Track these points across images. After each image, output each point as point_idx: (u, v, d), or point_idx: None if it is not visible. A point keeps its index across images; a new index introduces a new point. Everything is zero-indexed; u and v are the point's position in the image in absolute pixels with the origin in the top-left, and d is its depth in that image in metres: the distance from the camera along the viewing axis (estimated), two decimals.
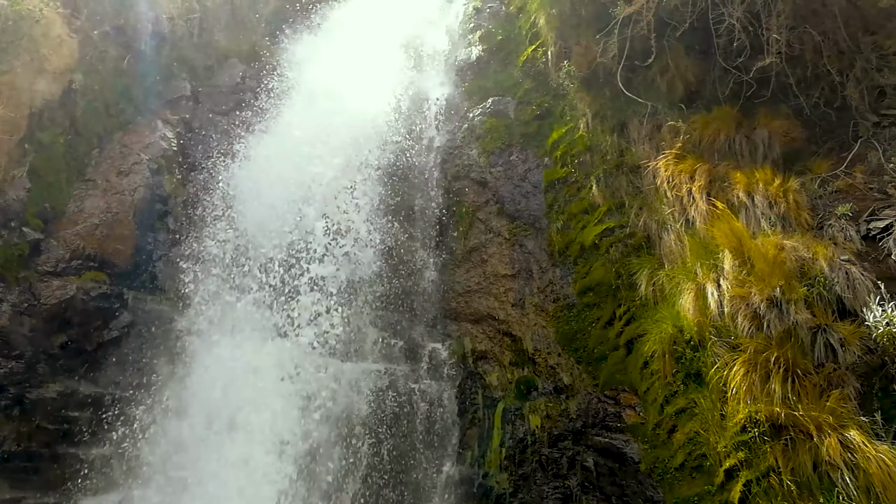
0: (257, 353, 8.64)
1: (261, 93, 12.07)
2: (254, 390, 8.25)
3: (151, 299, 9.15)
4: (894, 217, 6.51)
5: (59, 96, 9.96)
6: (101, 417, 8.00)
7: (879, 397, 5.63)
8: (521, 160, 10.66)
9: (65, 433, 7.80)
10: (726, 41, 8.97)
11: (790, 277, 6.38)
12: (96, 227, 9.26)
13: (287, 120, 11.53)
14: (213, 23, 12.94)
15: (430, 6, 14.62)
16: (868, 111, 8.10)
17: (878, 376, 5.72)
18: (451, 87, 12.52)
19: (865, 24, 8.79)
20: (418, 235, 10.44)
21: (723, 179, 8.05)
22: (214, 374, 8.45)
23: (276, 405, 8.10)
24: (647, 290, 7.89)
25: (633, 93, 9.87)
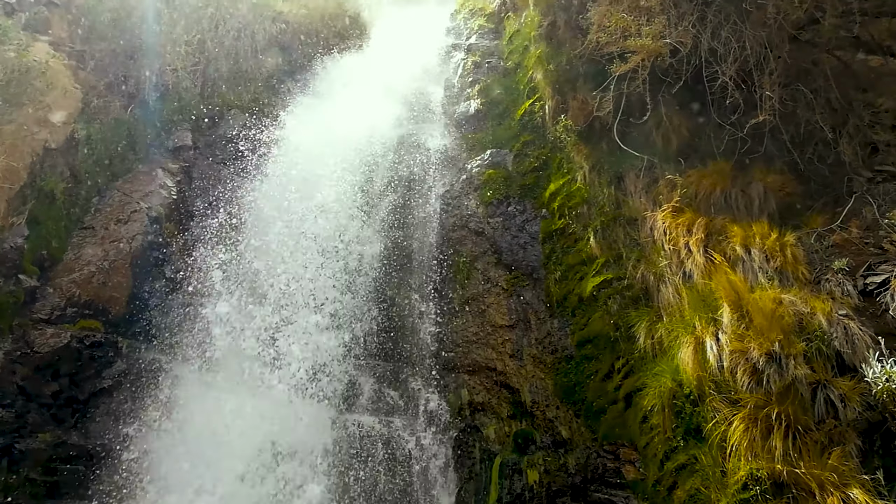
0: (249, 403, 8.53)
1: (261, 143, 12.20)
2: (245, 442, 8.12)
3: (146, 348, 9.07)
4: (891, 272, 6.53)
5: (61, 145, 10.06)
6: (90, 470, 7.83)
7: (881, 455, 5.56)
8: (518, 211, 10.74)
9: (52, 485, 7.63)
10: (720, 98, 9.15)
11: (789, 332, 6.37)
12: (93, 274, 9.24)
13: (286, 170, 11.62)
14: (216, 75, 13.17)
15: (429, 60, 14.93)
16: (862, 167, 8.22)
17: (879, 433, 5.67)
18: (450, 138, 12.69)
19: (857, 83, 9.00)
20: (416, 285, 10.44)
21: (720, 233, 8.09)
22: (206, 424, 8.32)
23: (267, 458, 7.95)
24: (646, 342, 7.85)
25: (630, 146, 10.00)
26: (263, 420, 8.27)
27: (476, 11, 15.84)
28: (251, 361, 8.88)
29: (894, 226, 7.03)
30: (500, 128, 12.38)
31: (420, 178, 11.93)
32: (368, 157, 11.91)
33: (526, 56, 12.76)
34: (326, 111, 13.05)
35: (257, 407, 8.40)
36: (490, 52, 13.92)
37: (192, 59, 12.78)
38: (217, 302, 9.48)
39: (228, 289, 9.70)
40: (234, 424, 8.29)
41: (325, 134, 12.30)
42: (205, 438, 8.06)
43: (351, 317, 9.61)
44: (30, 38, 10.38)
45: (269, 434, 8.23)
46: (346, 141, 12.11)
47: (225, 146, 12.19)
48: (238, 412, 8.27)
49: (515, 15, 13.91)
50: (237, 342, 9.08)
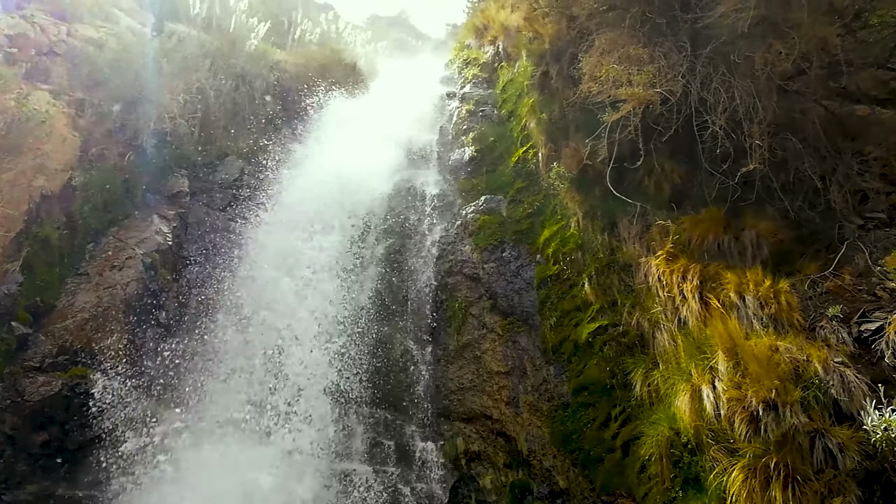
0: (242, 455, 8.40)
1: (258, 189, 12.30)
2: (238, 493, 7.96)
3: (137, 396, 8.96)
4: (885, 319, 6.54)
5: (58, 192, 10.13)
6: None
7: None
8: (513, 256, 10.77)
9: None
10: (711, 146, 9.26)
11: (785, 380, 6.34)
12: (86, 321, 9.20)
13: (282, 216, 11.70)
14: (214, 122, 13.34)
15: (424, 108, 15.17)
16: (852, 214, 8.30)
17: (879, 483, 5.60)
18: (445, 184, 12.81)
19: (845, 131, 9.15)
20: (411, 331, 10.41)
21: (714, 279, 8.11)
22: (197, 475, 8.18)
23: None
24: (643, 390, 7.80)
25: (622, 193, 10.08)
26: (255, 470, 8.11)
27: (470, 61, 16.16)
28: (245, 411, 8.77)
29: (887, 273, 7.07)
30: (494, 174, 12.52)
31: (415, 224, 12.01)
32: (364, 203, 12.02)
33: (519, 104, 12.98)
34: (323, 157, 13.21)
35: (250, 458, 8.25)
36: (484, 101, 14.16)
37: (190, 107, 12.94)
38: (210, 349, 9.41)
39: (222, 336, 9.63)
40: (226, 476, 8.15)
41: (321, 180, 12.43)
42: (198, 490, 7.89)
43: (345, 364, 9.54)
44: (31, 87, 10.53)
45: (261, 484, 8.09)
46: (342, 186, 12.25)
47: (221, 192, 12.28)
48: (231, 464, 8.12)
49: (509, 65, 14.19)
50: (230, 391, 8.98)
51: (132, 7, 14.21)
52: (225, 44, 14.42)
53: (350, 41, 19.84)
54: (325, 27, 19.10)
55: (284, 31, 17.46)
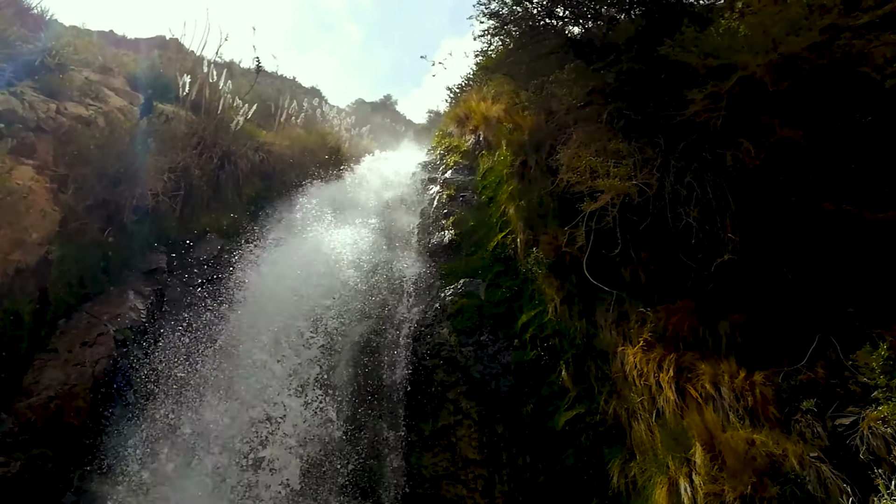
0: None
1: (236, 267, 12.29)
2: None
3: (98, 479, 8.62)
4: (858, 414, 6.59)
5: (33, 265, 10.02)
6: None
7: None
8: (491, 341, 10.75)
9: None
10: (685, 236, 9.51)
11: (762, 474, 6.30)
12: (51, 399, 8.93)
13: (259, 296, 11.65)
14: (197, 200, 13.45)
15: (406, 192, 15.47)
16: (824, 308, 8.45)
17: None
18: (424, 266, 12.90)
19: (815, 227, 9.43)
20: (385, 414, 10.23)
21: (690, 369, 8.15)
22: None
23: None
24: (620, 481, 7.69)
25: (599, 280, 10.21)
26: None
27: (452, 148, 16.61)
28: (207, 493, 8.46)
29: (858, 367, 7.16)
30: (473, 258, 12.65)
31: (393, 306, 12.01)
32: (344, 284, 12.02)
33: (499, 191, 13.28)
34: (305, 237, 13.29)
35: None
36: (464, 187, 14.47)
37: (174, 184, 13.06)
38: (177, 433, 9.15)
39: (187, 420, 9.39)
40: None
41: (302, 259, 12.46)
42: None
43: (314, 447, 9.30)
44: (14, 162, 10.57)
45: None
46: (321, 266, 12.27)
47: (199, 269, 12.24)
48: None
49: (489, 153, 14.61)
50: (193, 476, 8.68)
51: (123, 87, 14.54)
52: (212, 124, 14.71)
53: (335, 125, 20.36)
54: (310, 111, 19.61)
55: (271, 113, 17.88)
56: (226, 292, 11.64)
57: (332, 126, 20.10)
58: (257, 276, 12.08)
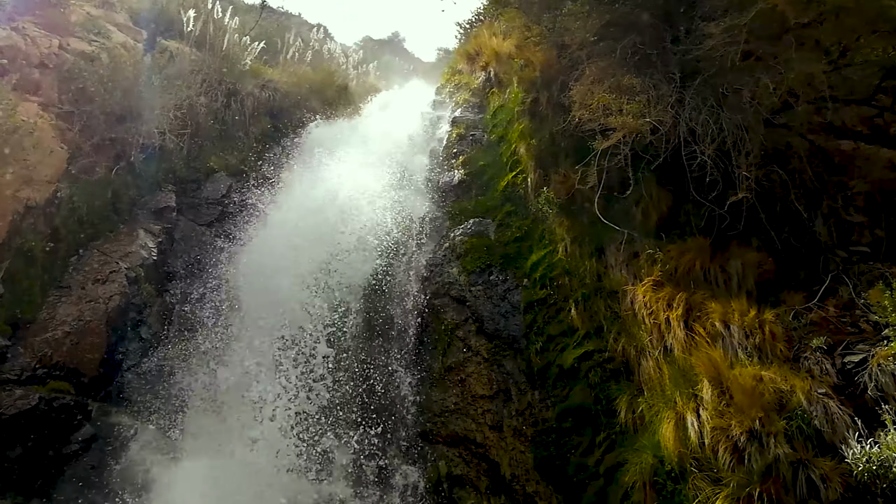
0: (222, 472, 8.26)
1: (245, 206, 12.27)
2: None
3: (116, 411, 8.81)
4: (868, 352, 6.59)
5: (43, 204, 10.04)
6: None
7: None
8: (500, 280, 10.77)
9: None
10: (699, 175, 9.37)
11: (769, 410, 6.35)
12: (67, 335, 9.07)
13: (269, 234, 11.65)
14: (204, 139, 13.34)
15: (415, 131, 15.24)
16: (837, 247, 8.39)
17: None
18: (433, 206, 12.83)
19: (830, 165, 9.28)
20: (396, 352, 10.34)
21: (699, 308, 8.14)
22: (176, 492, 8.02)
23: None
24: (627, 417, 7.79)
25: (610, 220, 10.14)
26: (234, 487, 7.97)
27: (461, 86, 16.29)
28: (226, 429, 8.65)
29: (870, 306, 7.13)
30: (483, 198, 12.56)
31: (403, 245, 12.00)
32: (352, 224, 11.98)
33: (509, 130, 13.08)
34: (312, 176, 13.19)
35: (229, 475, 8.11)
36: (474, 125, 14.25)
37: (180, 122, 12.92)
38: (193, 366, 9.29)
39: (205, 352, 9.53)
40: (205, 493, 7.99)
41: (310, 199, 12.40)
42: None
43: (328, 382, 9.44)
44: (19, 99, 10.46)
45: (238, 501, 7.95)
46: (331, 207, 12.21)
47: (209, 208, 12.23)
48: (211, 482, 7.97)
49: (500, 90, 14.32)
50: (211, 409, 8.85)
51: (126, 23, 14.22)
52: (217, 61, 14.45)
53: (342, 62, 19.97)
54: (317, 48, 19.21)
55: (277, 50, 17.53)
56: (236, 231, 11.64)
57: (339, 64, 19.72)
58: (266, 216, 12.05)
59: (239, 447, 8.61)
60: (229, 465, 8.31)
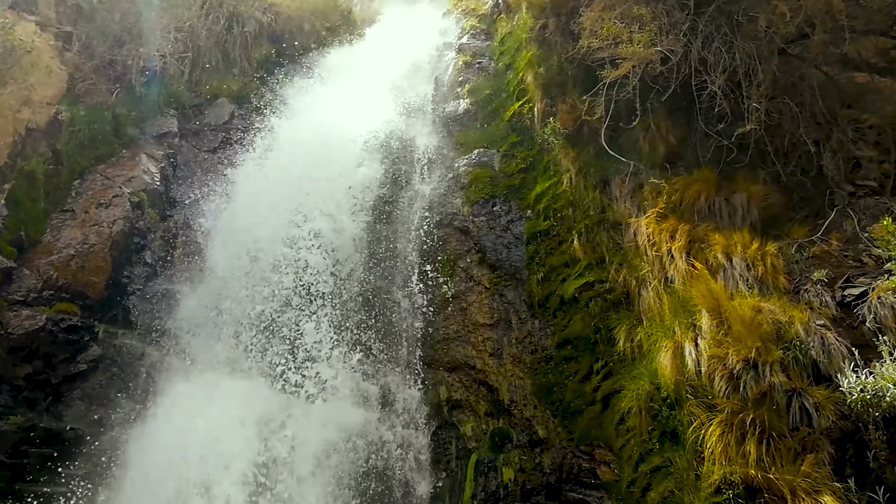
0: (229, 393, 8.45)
1: (248, 133, 12.14)
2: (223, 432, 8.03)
3: (123, 333, 8.96)
4: (868, 285, 6.62)
5: (44, 126, 9.96)
6: (61, 454, 7.70)
7: (853, 463, 5.62)
8: (504, 211, 10.75)
9: (21, 468, 7.50)
10: (708, 107, 9.21)
11: (767, 340, 6.43)
12: (71, 257, 9.13)
13: (272, 162, 11.57)
14: (205, 63, 13.08)
15: (420, 58, 14.92)
16: (843, 181, 8.31)
17: (851, 442, 5.73)
18: (438, 136, 12.69)
19: (842, 98, 9.10)
20: (399, 281, 10.42)
21: (702, 240, 8.15)
22: (182, 412, 8.22)
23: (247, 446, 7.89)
24: (626, 345, 7.90)
25: (617, 151, 10.04)
26: (243, 408, 8.18)
27: (468, 12, 15.85)
28: (230, 349, 8.81)
29: (873, 240, 7.11)
30: (488, 128, 12.41)
31: (407, 175, 11.93)
32: (355, 153, 11.88)
33: (517, 58, 12.80)
34: (315, 104, 13.00)
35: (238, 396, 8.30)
36: (481, 53, 13.95)
37: (181, 45, 12.67)
38: (198, 289, 9.39)
39: (210, 278, 9.61)
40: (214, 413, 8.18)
41: (313, 127, 12.26)
42: (185, 426, 7.95)
43: (331, 309, 9.55)
44: (16, 17, 10.22)
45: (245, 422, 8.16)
46: (334, 135, 12.08)
47: (211, 134, 12.12)
48: (218, 401, 8.17)
49: (507, 17, 13.94)
50: (217, 330, 8.99)
51: None
52: None
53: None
54: None
55: None
56: (238, 158, 11.55)
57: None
58: (270, 143, 11.94)
59: (242, 368, 8.77)
60: (233, 384, 8.48)
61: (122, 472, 7.86)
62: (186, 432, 7.89)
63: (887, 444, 5.44)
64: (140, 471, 7.79)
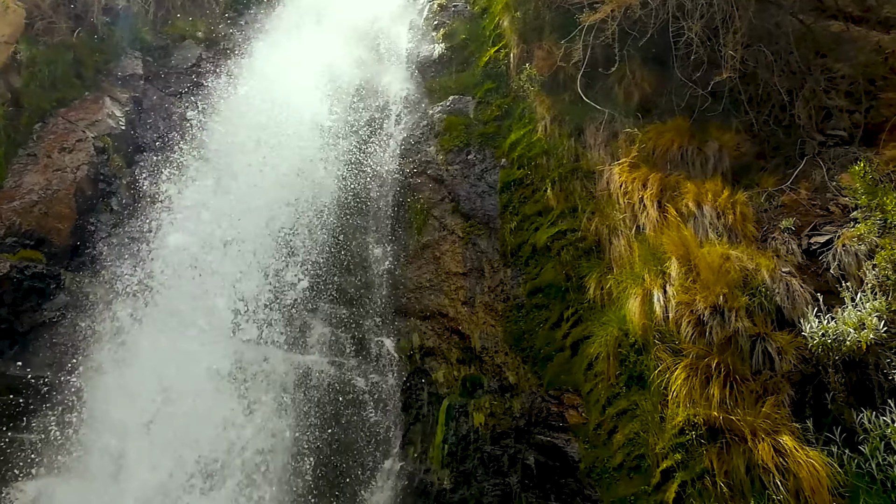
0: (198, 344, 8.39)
1: (216, 77, 11.79)
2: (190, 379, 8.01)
3: (90, 282, 8.81)
4: (834, 233, 6.73)
5: (1, 66, 9.57)
6: (28, 402, 7.64)
7: (812, 405, 5.82)
8: (478, 160, 10.66)
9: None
10: (684, 54, 9.15)
11: (733, 286, 6.54)
12: (35, 203, 8.89)
13: (240, 108, 11.27)
14: (170, 2, 12.60)
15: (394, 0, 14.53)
16: (814, 131, 8.37)
17: (811, 385, 5.91)
18: (412, 82, 12.46)
19: (816, 47, 9.09)
20: (371, 229, 10.35)
21: (674, 189, 8.19)
22: (149, 361, 8.17)
23: (218, 394, 7.91)
24: (596, 293, 7.98)
25: (592, 99, 9.97)
26: (211, 358, 8.16)
27: None
28: (198, 298, 8.72)
29: (841, 189, 7.21)
30: (463, 74, 12.19)
31: (379, 122, 11.73)
32: (327, 98, 11.64)
33: (493, 1, 12.52)
34: (285, 48, 12.63)
35: (205, 347, 8.26)
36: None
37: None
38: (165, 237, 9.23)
39: (175, 225, 9.44)
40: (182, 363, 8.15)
41: (283, 71, 11.95)
42: (154, 373, 7.91)
43: (304, 258, 9.48)
44: None
45: (218, 371, 8.15)
46: (304, 79, 11.80)
47: (178, 78, 11.76)
48: (187, 352, 8.12)
49: None
50: (183, 279, 8.88)
51: None
52: None
53: None
54: None
55: None
56: (204, 103, 11.24)
57: None
58: (238, 87, 11.62)
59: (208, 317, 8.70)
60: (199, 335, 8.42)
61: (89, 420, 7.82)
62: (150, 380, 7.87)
63: (845, 387, 5.62)
64: (105, 417, 7.76)
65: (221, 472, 7.56)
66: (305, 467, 7.82)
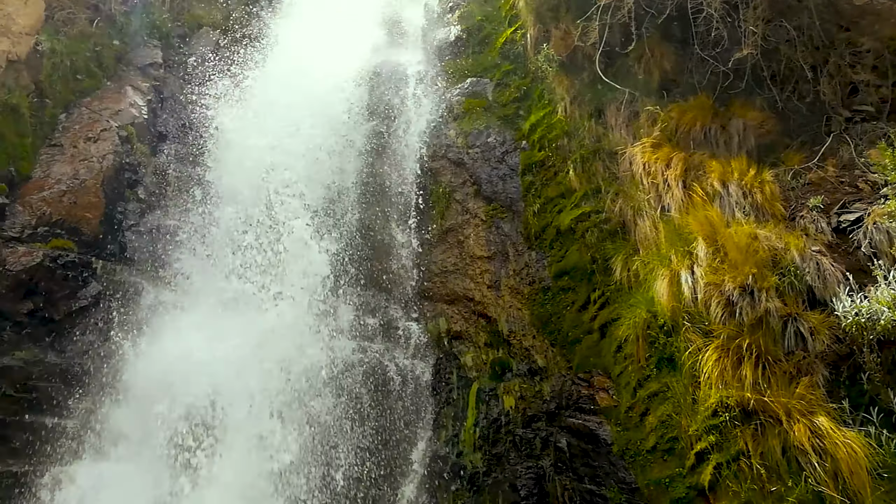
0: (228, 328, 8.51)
1: (235, 64, 11.82)
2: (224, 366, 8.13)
3: (121, 269, 8.93)
4: (864, 210, 6.70)
5: (24, 57, 9.64)
6: (67, 387, 7.80)
7: (847, 385, 5.81)
8: (498, 142, 10.65)
9: (31, 402, 7.57)
10: (704, 31, 9.08)
11: (763, 266, 6.54)
12: (63, 193, 8.99)
13: (260, 94, 11.31)
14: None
15: None
16: (840, 106, 8.29)
17: (845, 365, 5.91)
18: (428, 65, 12.43)
19: (840, 21, 8.96)
20: (394, 215, 10.40)
21: (698, 168, 8.17)
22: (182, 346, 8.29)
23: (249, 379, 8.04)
24: (622, 275, 8.00)
25: (611, 79, 9.92)
26: (242, 342, 8.27)
27: None
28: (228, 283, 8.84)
29: (870, 165, 7.16)
30: (480, 56, 12.16)
31: (398, 107, 11.73)
32: (345, 83, 11.65)
33: None
34: (302, 33, 12.65)
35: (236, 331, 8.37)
36: None
37: None
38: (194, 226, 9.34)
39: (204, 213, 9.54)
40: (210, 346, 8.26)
41: (301, 57, 11.97)
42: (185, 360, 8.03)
43: (329, 245, 9.55)
44: None
45: (245, 355, 8.26)
46: (322, 65, 11.81)
47: (197, 66, 11.79)
48: (217, 336, 8.24)
49: None
50: (213, 265, 8.99)
51: None
52: None
53: None
54: None
55: None
56: (224, 91, 11.29)
57: None
58: (259, 73, 11.66)
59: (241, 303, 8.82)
60: (233, 317, 8.54)
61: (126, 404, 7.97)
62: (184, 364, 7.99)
63: (881, 367, 5.62)
64: (143, 400, 7.90)
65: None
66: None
